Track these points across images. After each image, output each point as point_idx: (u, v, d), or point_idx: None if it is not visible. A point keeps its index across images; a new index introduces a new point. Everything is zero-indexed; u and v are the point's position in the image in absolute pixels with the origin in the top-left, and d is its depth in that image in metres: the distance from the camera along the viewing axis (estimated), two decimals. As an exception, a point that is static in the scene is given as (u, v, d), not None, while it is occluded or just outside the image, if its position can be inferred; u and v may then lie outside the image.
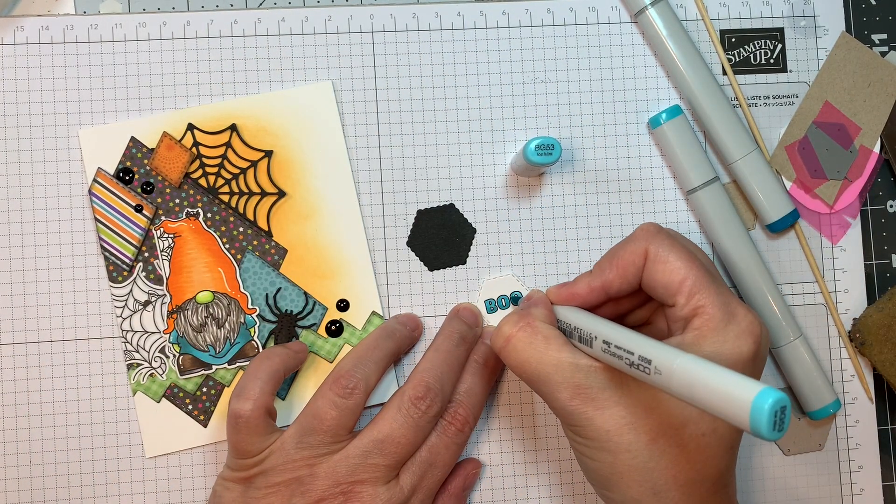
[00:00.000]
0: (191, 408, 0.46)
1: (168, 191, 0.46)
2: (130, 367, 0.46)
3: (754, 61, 0.49)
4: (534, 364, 0.39)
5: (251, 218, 0.46)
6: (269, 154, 0.46)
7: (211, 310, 0.46)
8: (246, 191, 0.46)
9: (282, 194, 0.46)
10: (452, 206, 0.47)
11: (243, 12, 0.47)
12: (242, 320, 0.46)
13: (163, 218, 0.46)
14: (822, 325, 0.49)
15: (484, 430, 0.47)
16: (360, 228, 0.47)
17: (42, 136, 0.46)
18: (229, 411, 0.42)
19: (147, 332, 0.46)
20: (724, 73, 0.49)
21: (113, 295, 0.46)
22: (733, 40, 0.49)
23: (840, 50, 0.49)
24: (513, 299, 0.47)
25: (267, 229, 0.46)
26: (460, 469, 0.45)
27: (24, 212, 0.46)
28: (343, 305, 0.46)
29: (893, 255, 0.50)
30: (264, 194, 0.46)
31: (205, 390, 0.46)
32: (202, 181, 0.46)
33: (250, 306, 0.46)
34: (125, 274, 0.46)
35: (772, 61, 0.49)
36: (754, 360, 0.38)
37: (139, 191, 0.46)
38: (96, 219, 0.46)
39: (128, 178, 0.46)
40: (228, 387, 0.46)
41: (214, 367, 0.46)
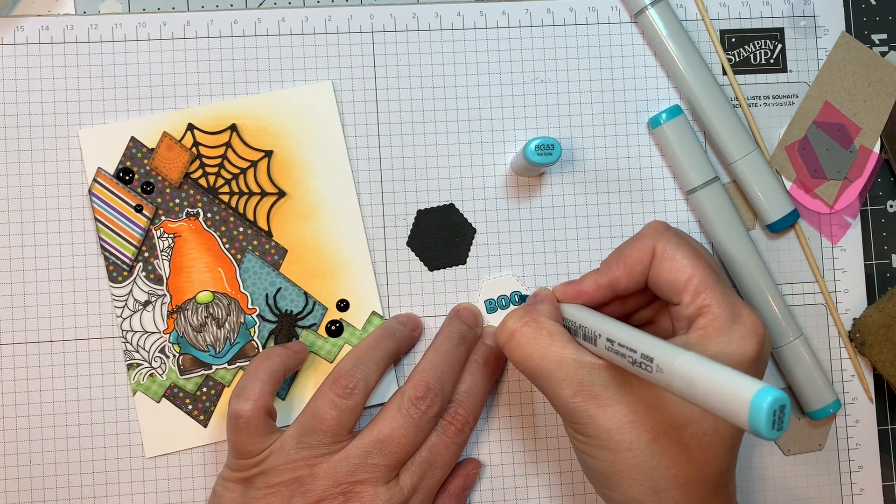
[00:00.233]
0: (191, 408, 0.46)
1: (168, 191, 0.46)
2: (130, 367, 0.46)
3: (754, 61, 0.49)
4: (537, 360, 0.39)
5: (251, 218, 0.46)
6: (269, 154, 0.46)
7: (211, 310, 0.46)
8: (246, 191, 0.46)
9: (282, 194, 0.46)
10: (452, 206, 0.47)
11: (243, 12, 0.47)
12: (242, 320, 0.46)
13: (163, 218, 0.46)
14: (822, 325, 0.49)
15: (484, 430, 0.47)
16: (360, 228, 0.47)
17: (42, 136, 0.46)
18: (229, 411, 0.42)
19: (147, 332, 0.46)
20: (724, 73, 0.49)
21: (113, 295, 0.46)
22: (733, 40, 0.49)
23: (840, 50, 0.49)
24: (513, 299, 0.47)
25: (267, 229, 0.46)
26: (460, 469, 0.45)
27: (24, 212, 0.46)
28: (343, 305, 0.46)
29: (893, 255, 0.50)
30: (264, 194, 0.46)
31: (205, 390, 0.46)
32: (202, 181, 0.46)
33: (250, 306, 0.46)
34: (125, 274, 0.46)
35: (772, 61, 0.49)
36: (757, 360, 0.38)
37: (139, 191, 0.46)
38: (96, 219, 0.46)
39: (128, 178, 0.46)
40: (228, 387, 0.46)
41: (214, 367, 0.46)
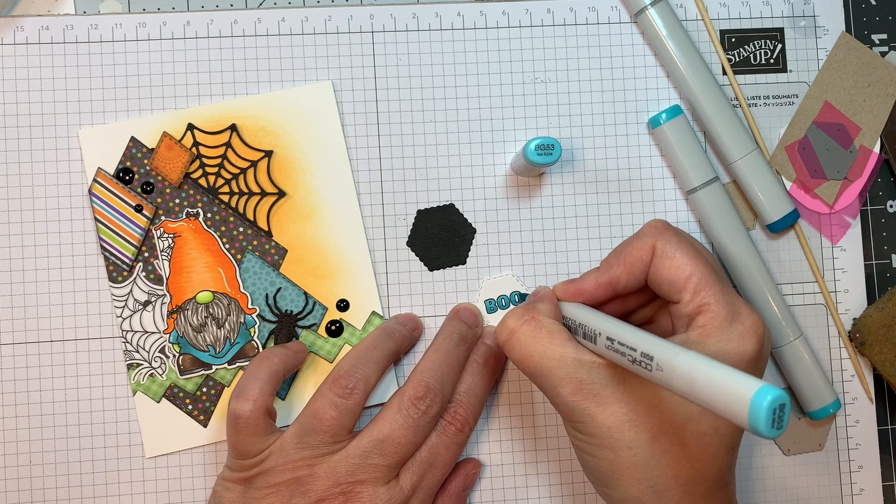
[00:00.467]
0: (191, 408, 0.46)
1: (168, 191, 0.46)
2: (130, 367, 0.46)
3: (754, 61, 0.49)
4: (536, 358, 0.39)
5: (251, 218, 0.46)
6: (269, 154, 0.46)
7: (211, 310, 0.46)
8: (246, 191, 0.46)
9: (282, 194, 0.46)
10: (452, 206, 0.47)
11: (243, 12, 0.47)
12: (242, 320, 0.46)
13: (163, 218, 0.46)
14: (822, 325, 0.49)
15: (484, 430, 0.47)
16: (360, 228, 0.47)
17: (42, 136, 0.46)
18: (229, 412, 0.42)
19: (147, 332, 0.46)
20: (724, 73, 0.49)
21: (113, 295, 0.46)
22: (733, 40, 0.49)
23: (840, 50, 0.49)
24: (513, 299, 0.47)
25: (267, 229, 0.46)
26: (460, 469, 0.45)
27: (24, 212, 0.46)
28: (343, 305, 0.46)
29: (893, 255, 0.50)
30: (264, 194, 0.46)
31: (205, 390, 0.46)
32: (202, 181, 0.46)
33: (250, 306, 0.46)
34: (125, 274, 0.46)
35: (772, 61, 0.49)
36: (757, 359, 0.38)
37: (139, 191, 0.46)
38: (96, 219, 0.46)
39: (128, 178, 0.46)
40: (228, 387, 0.46)
41: (214, 367, 0.46)
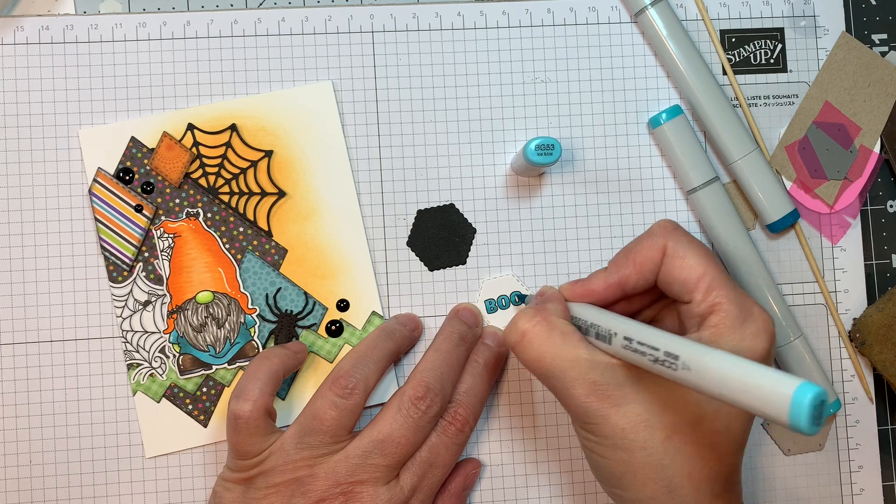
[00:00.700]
0: (191, 408, 0.46)
1: (168, 191, 0.46)
2: (130, 367, 0.46)
3: (754, 61, 0.49)
4: (549, 359, 0.39)
5: (251, 218, 0.46)
6: (269, 154, 0.46)
7: (211, 310, 0.46)
8: (246, 191, 0.46)
9: (282, 194, 0.46)
10: (452, 206, 0.47)
11: (243, 12, 0.47)
12: (242, 320, 0.46)
13: (163, 218, 0.46)
14: (822, 325, 0.49)
15: (484, 430, 0.47)
16: (360, 228, 0.47)
17: (42, 136, 0.46)
18: (229, 412, 0.42)
19: (147, 332, 0.46)
20: (724, 73, 0.49)
21: (113, 295, 0.46)
22: (733, 40, 0.49)
23: (840, 50, 0.49)
24: (513, 299, 0.47)
25: (267, 229, 0.46)
26: (460, 469, 0.45)
27: (24, 212, 0.46)
28: (343, 305, 0.46)
29: (893, 255, 0.50)
30: (264, 194, 0.46)
31: (205, 390, 0.46)
32: (202, 181, 0.46)
33: (250, 306, 0.46)
34: (125, 274, 0.46)
35: (772, 61, 0.49)
36: (768, 357, 0.38)
37: (139, 191, 0.46)
38: (96, 219, 0.46)
39: (128, 178, 0.46)
40: (228, 387, 0.46)
41: (214, 367, 0.46)
